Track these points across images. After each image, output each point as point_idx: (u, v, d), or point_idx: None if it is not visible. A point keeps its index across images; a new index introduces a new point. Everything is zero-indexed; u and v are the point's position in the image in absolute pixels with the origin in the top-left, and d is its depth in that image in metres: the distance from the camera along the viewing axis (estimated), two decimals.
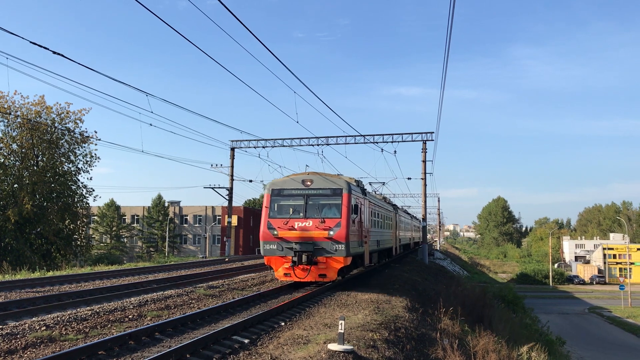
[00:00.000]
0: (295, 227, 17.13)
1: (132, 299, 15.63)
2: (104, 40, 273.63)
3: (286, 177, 18.89)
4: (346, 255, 16.76)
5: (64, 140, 45.05)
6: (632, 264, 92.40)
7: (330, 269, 16.86)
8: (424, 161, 40.35)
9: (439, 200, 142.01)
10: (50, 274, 25.23)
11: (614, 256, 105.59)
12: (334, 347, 9.16)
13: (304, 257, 16.73)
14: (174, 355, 8.55)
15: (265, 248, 17.44)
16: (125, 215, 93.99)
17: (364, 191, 20.85)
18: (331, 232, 16.77)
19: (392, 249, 31.45)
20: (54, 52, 11.78)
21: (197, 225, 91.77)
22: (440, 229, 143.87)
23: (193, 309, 13.84)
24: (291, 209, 17.63)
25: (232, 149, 45.02)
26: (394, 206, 35.24)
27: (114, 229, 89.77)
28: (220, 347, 9.60)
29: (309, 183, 17.85)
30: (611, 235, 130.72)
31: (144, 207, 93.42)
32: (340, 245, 16.68)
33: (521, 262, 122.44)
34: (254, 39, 11.98)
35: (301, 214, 17.40)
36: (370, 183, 38.67)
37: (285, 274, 17.23)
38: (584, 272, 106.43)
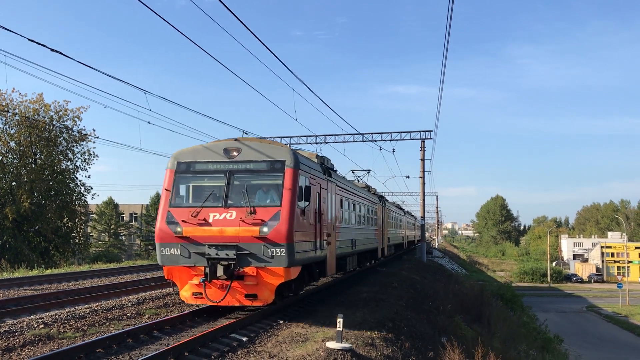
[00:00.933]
0: (210, 220, 11.54)
1: (131, 297, 15.64)
2: (102, 39, 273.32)
3: (201, 145, 13.03)
4: (289, 265, 11.25)
5: (62, 138, 44.99)
6: (630, 262, 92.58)
7: (264, 287, 11.30)
8: (423, 160, 40.32)
9: (437, 199, 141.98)
10: (48, 271, 25.23)
11: (612, 254, 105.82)
12: (332, 345, 9.16)
13: (220, 269, 11.14)
14: (172, 353, 8.54)
15: (163, 254, 11.71)
16: (123, 214, 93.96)
17: (327, 171, 15.45)
18: (265, 229, 11.24)
19: (378, 250, 26.56)
20: (52, 50, 11.74)
21: None
22: (438, 228, 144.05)
23: (191, 307, 13.85)
24: (205, 194, 12.07)
25: None
26: (381, 197, 30.22)
27: (112, 227, 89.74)
28: (218, 345, 9.61)
29: (234, 154, 12.32)
30: (609, 233, 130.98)
31: (142, 205, 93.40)
32: (278, 249, 11.16)
33: (519, 261, 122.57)
34: (253, 37, 11.97)
35: (220, 201, 11.82)
36: (353, 171, 31.96)
37: (195, 295, 11.58)
38: (582, 270, 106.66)
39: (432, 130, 38.69)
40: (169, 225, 11.77)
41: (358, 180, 28.59)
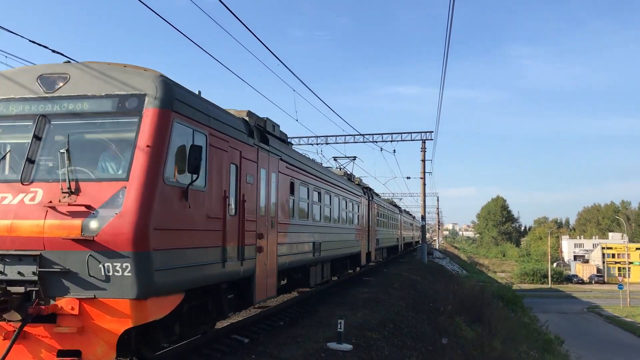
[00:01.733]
0: None
1: None
2: (103, 39, 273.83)
3: (7, 70, 7.75)
4: (143, 294, 6.24)
5: None
6: (630, 263, 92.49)
7: (93, 336, 6.12)
8: (423, 160, 40.35)
9: (438, 200, 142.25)
10: None
11: (613, 255, 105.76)
12: (333, 345, 9.19)
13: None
14: (173, 352, 8.56)
15: None
16: None
17: (261, 135, 10.46)
18: (93, 223, 6.20)
19: (361, 254, 21.78)
20: (54, 51, 11.75)
21: None
22: (439, 228, 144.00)
23: None
24: None
25: None
26: (367, 189, 24.99)
27: None
28: (220, 345, 9.61)
29: (59, 85, 7.07)
30: (610, 234, 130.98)
31: None
32: (119, 264, 6.15)
33: (520, 262, 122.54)
34: (254, 37, 11.99)
35: (17, 172, 6.76)
36: (335, 158, 27.17)
37: None
38: (583, 271, 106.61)
39: (432, 131, 38.76)
40: None
41: (340, 169, 24.52)
